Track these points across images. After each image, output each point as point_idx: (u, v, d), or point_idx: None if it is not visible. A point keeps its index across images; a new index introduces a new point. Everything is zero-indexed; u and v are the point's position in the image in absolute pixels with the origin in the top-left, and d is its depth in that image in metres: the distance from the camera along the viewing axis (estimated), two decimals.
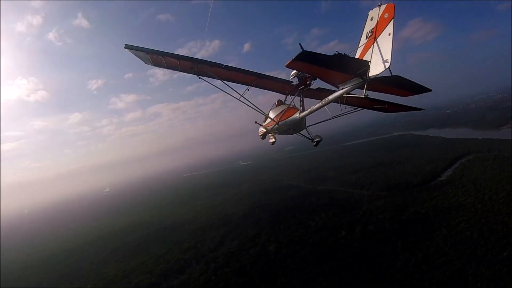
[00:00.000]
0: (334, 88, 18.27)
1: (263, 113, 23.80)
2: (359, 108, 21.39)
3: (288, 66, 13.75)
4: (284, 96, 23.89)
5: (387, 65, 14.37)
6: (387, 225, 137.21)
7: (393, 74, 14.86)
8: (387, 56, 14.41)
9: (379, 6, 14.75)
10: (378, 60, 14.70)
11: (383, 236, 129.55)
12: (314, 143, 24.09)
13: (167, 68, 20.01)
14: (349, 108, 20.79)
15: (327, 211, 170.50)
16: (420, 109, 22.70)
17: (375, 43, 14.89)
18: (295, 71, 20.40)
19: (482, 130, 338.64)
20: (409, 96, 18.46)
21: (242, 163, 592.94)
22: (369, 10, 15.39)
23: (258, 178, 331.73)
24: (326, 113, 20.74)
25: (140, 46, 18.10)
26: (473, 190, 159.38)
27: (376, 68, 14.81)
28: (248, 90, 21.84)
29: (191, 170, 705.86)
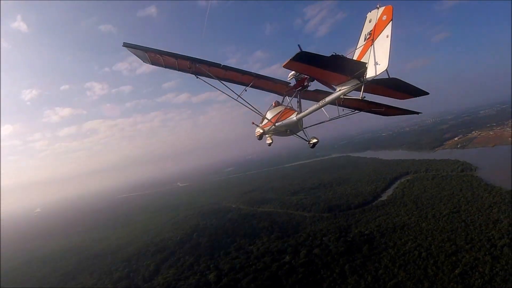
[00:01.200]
0: (331, 90, 18.80)
1: (260, 114, 24.44)
2: (356, 111, 21.88)
3: (285, 66, 14.08)
4: (282, 97, 24.37)
5: (385, 67, 14.66)
6: (332, 247, 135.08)
7: (390, 77, 15.26)
8: (385, 58, 14.71)
9: (378, 8, 15.08)
10: (376, 62, 14.98)
11: (329, 259, 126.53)
12: (311, 145, 24.09)
13: (165, 67, 20.60)
14: (346, 110, 21.17)
15: (269, 234, 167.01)
16: (417, 113, 22.98)
17: (373, 45, 15.21)
18: (293, 72, 20.76)
19: (418, 151, 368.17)
20: (407, 99, 19.02)
21: (180, 184, 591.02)
22: (368, 12, 15.70)
23: (197, 200, 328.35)
24: (324, 115, 21.19)
25: (139, 45, 18.53)
26: (416, 209, 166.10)
27: (373, 70, 15.05)
28: (246, 90, 22.33)
29: (127, 190, 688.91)
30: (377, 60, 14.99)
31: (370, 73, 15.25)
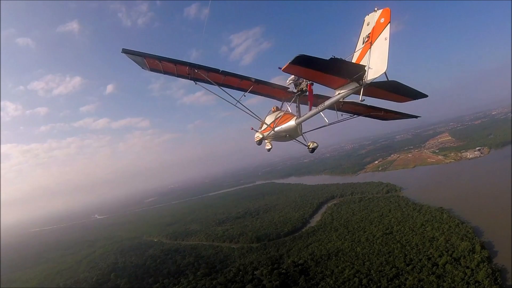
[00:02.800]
0: (330, 95, 19.44)
1: (259, 119, 25.32)
2: (355, 115, 23.12)
3: (284, 70, 14.82)
4: (281, 102, 25.37)
5: (383, 70, 15.20)
6: (266, 282, 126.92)
7: (389, 80, 15.70)
8: (384, 61, 15.26)
9: (375, 11, 15.59)
10: (375, 65, 15.55)
11: None
12: (310, 150, 24.76)
13: (164, 73, 21.69)
14: (345, 115, 22.61)
15: (195, 271, 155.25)
16: (416, 116, 24.19)
17: (372, 48, 15.81)
18: (291, 77, 21.95)
19: (341, 175, 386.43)
20: (405, 102, 19.55)
21: (98, 217, 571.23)
22: (365, 16, 16.27)
23: (115, 234, 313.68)
24: (323, 120, 21.89)
25: (138, 50, 19.31)
26: (347, 233, 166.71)
27: (372, 73, 15.62)
28: (244, 96, 23.04)
29: (40, 224, 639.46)
30: (376, 62, 15.48)
31: (369, 76, 15.70)
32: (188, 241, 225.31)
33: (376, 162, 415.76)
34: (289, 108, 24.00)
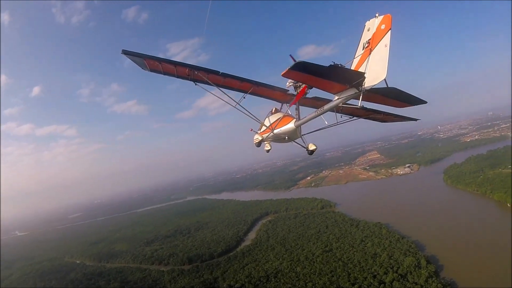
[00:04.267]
0: (330, 97, 19.22)
1: (258, 120, 25.62)
2: (354, 118, 22.88)
3: (284, 75, 14.77)
4: (280, 104, 25.65)
5: (383, 76, 15.09)
6: None
7: (389, 86, 15.60)
8: (383, 67, 15.13)
9: (376, 17, 15.47)
10: (374, 71, 15.46)
11: None
12: (309, 152, 25.23)
13: (164, 74, 21.61)
14: (344, 117, 22.25)
15: None
16: (415, 119, 24.15)
17: (371, 54, 15.69)
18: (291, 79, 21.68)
19: (274, 191, 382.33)
20: (405, 108, 19.58)
21: (19, 234, 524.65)
22: (366, 21, 16.12)
23: (36, 253, 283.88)
24: (322, 122, 22.04)
25: (137, 52, 19.48)
26: (285, 251, 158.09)
27: (372, 79, 15.51)
28: (244, 97, 23.23)
29: None
30: (375, 69, 15.35)
31: (368, 82, 15.58)
32: (113, 263, 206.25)
33: (309, 178, 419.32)
34: (288, 110, 24.19)
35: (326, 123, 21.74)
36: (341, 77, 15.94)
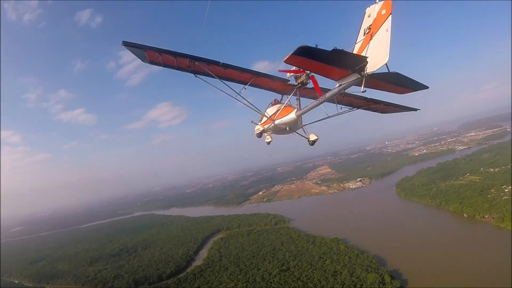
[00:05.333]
0: (330, 87, 19.44)
1: (259, 111, 25.59)
2: (354, 108, 23.89)
3: (286, 61, 14.59)
4: (281, 95, 25.62)
5: (385, 61, 15.41)
6: None
7: (390, 71, 15.96)
8: (385, 52, 15.46)
9: (377, 2, 15.85)
10: (376, 56, 15.72)
11: None
12: (310, 142, 24.72)
13: (164, 66, 21.47)
14: (345, 108, 23.19)
15: None
16: (415, 110, 24.84)
17: (373, 40, 16.01)
18: (292, 68, 21.57)
19: (225, 207, 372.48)
20: (405, 94, 19.61)
21: None
22: (367, 8, 16.55)
23: None
24: (324, 114, 22.67)
25: (138, 43, 19.18)
26: (239, 272, 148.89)
27: (374, 64, 15.75)
28: (245, 88, 22.93)
29: None
30: (377, 54, 15.65)
31: (370, 67, 15.79)
32: (54, 284, 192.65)
33: (260, 193, 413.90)
34: (289, 100, 23.96)
35: (327, 113, 22.24)
36: (344, 61, 15.84)
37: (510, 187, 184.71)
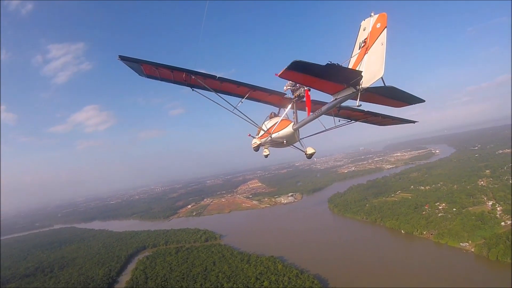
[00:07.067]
0: (326, 100, 19.28)
1: (256, 125, 25.27)
2: (352, 121, 23.61)
3: (280, 76, 14.54)
4: (278, 108, 25.45)
5: (380, 75, 14.93)
6: None
7: (386, 85, 15.38)
8: (380, 66, 15.00)
9: (371, 16, 15.45)
10: (371, 70, 15.31)
11: None
12: (308, 155, 24.61)
13: (161, 80, 21.11)
14: (342, 121, 22.85)
15: None
16: (413, 122, 24.82)
17: (368, 53, 15.61)
18: (289, 82, 21.81)
19: (152, 221, 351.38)
20: (402, 107, 19.10)
21: None
22: (362, 21, 16.15)
23: None
24: (321, 127, 22.36)
25: (135, 57, 18.69)
26: None
27: (369, 78, 15.33)
28: (242, 102, 22.70)
29: None
30: (372, 68, 15.21)
31: (365, 81, 15.38)
32: None
33: (189, 206, 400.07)
34: (286, 114, 23.72)
35: (324, 126, 22.07)
36: (339, 76, 15.42)
37: (443, 204, 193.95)
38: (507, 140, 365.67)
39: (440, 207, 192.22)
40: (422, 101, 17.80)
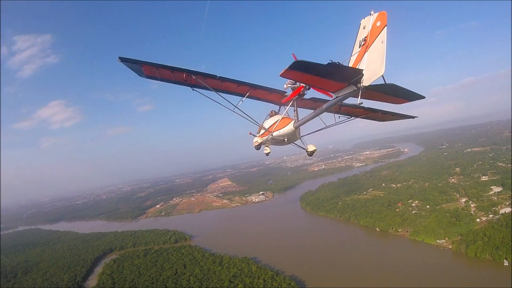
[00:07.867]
0: (327, 98, 19.88)
1: (257, 123, 25.14)
2: (352, 117, 23.90)
3: (282, 75, 14.50)
4: (278, 106, 25.31)
5: (381, 73, 15.03)
6: None
7: (387, 82, 15.60)
8: (381, 64, 15.06)
9: (371, 14, 15.50)
10: (372, 68, 15.37)
11: None
12: (309, 153, 25.15)
13: (161, 80, 21.08)
14: (342, 117, 23.26)
15: None
16: (413, 117, 24.42)
17: (368, 52, 15.68)
18: (289, 81, 21.57)
19: (119, 221, 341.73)
20: (402, 104, 19.53)
21: None
22: (361, 19, 16.21)
23: None
24: (322, 124, 22.53)
25: (135, 58, 18.67)
26: None
27: (369, 76, 15.41)
28: (242, 101, 22.85)
29: None
30: (373, 66, 15.28)
31: (366, 80, 15.45)
32: None
33: (158, 206, 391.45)
34: (287, 112, 23.52)
35: (325, 124, 22.24)
36: (340, 74, 15.59)
37: (416, 201, 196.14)
38: (474, 139, 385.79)
39: (413, 205, 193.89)
40: (422, 97, 18.08)
